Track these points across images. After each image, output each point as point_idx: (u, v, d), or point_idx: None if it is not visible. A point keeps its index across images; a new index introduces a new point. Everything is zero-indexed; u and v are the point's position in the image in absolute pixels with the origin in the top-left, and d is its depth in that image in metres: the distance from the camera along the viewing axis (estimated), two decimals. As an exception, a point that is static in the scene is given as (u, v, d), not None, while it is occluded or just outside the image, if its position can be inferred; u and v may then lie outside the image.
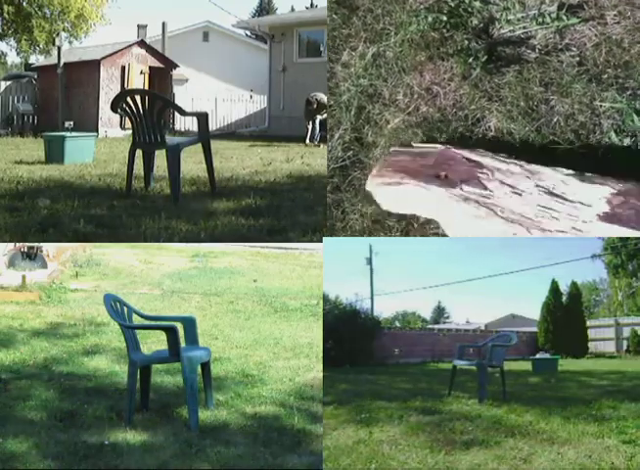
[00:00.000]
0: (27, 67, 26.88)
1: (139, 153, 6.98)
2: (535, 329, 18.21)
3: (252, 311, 8.26)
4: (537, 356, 12.51)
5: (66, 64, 20.02)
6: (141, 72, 20.02)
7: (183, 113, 7.08)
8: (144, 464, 3.80)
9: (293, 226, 5.82)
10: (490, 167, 4.05)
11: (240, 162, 11.22)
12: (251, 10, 54.47)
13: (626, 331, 17.40)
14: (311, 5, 44.98)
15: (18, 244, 9.28)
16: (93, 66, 19.43)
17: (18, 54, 26.20)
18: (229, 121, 23.08)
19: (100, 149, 12.74)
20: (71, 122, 13.34)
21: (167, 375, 5.44)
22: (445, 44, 4.47)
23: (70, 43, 24.50)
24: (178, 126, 21.04)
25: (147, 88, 19.30)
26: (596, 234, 3.80)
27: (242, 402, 4.89)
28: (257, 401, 4.92)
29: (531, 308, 49.78)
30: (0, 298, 8.14)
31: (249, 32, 29.80)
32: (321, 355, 6.32)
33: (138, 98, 6.49)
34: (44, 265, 9.55)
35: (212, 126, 20.99)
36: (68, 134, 11.30)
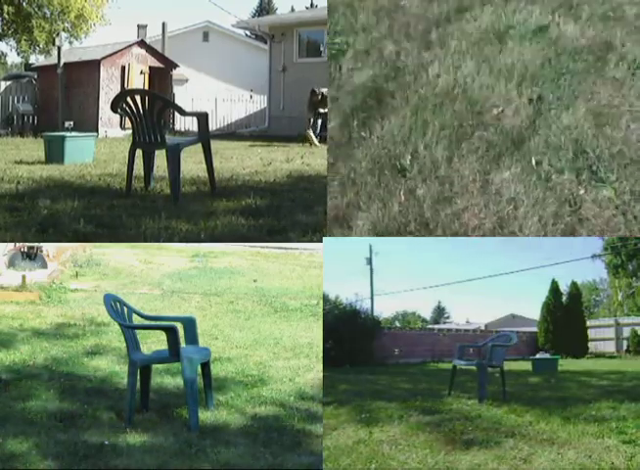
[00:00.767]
0: (27, 67, 26.89)
1: (139, 153, 6.97)
2: (535, 329, 18.21)
3: (252, 311, 8.26)
4: (537, 356, 12.50)
5: (66, 64, 20.02)
6: (141, 72, 20.02)
7: (183, 113, 7.08)
8: (144, 464, 3.80)
9: (293, 226, 5.82)
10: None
11: (240, 162, 11.21)
12: (250, 10, 54.52)
13: (626, 331, 17.39)
14: (311, 5, 45.00)
15: (18, 244, 9.28)
16: (93, 66, 19.43)
17: (18, 54, 26.22)
18: (229, 121, 23.07)
19: (100, 149, 12.73)
20: (71, 122, 13.35)
21: (167, 375, 5.45)
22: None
23: (70, 43, 24.52)
24: (178, 126, 21.04)
25: (147, 88, 19.30)
26: None
27: (242, 402, 4.89)
28: (257, 401, 4.92)
29: (531, 308, 49.77)
30: (0, 298, 8.14)
31: (249, 32, 29.80)
32: (321, 355, 6.32)
33: (138, 98, 6.48)
34: (44, 265, 9.55)
35: (212, 126, 20.99)
36: (68, 134, 11.30)
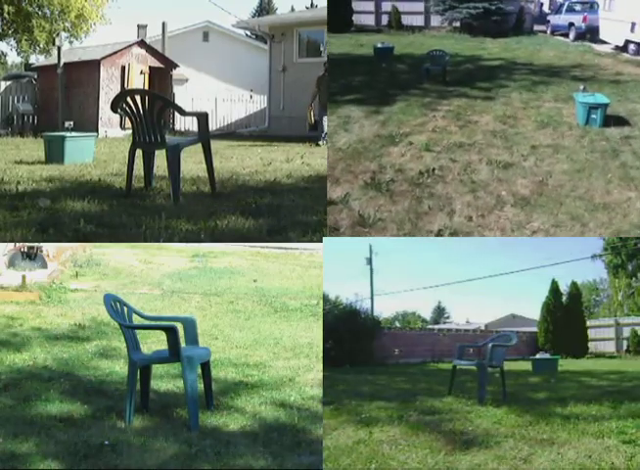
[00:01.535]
0: (27, 67, 26.89)
1: (139, 153, 6.97)
2: (535, 329, 18.21)
3: (252, 311, 8.26)
4: (537, 356, 12.50)
5: (66, 64, 20.01)
6: (141, 72, 20.02)
7: (183, 113, 7.08)
8: (144, 464, 3.80)
9: (293, 226, 5.81)
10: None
11: (240, 162, 11.21)
12: (250, 10, 54.55)
13: (626, 331, 17.40)
14: (311, 5, 45.00)
15: (18, 244, 9.28)
16: (93, 66, 19.42)
17: (18, 54, 26.23)
18: (229, 121, 23.07)
19: (100, 149, 12.73)
20: (71, 122, 13.31)
21: (167, 375, 5.45)
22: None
23: (71, 43, 24.53)
24: (178, 126, 21.04)
25: (147, 88, 19.29)
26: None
27: (242, 402, 4.89)
28: (257, 401, 4.93)
29: (531, 308, 49.83)
30: (0, 298, 8.14)
31: (249, 32, 29.81)
32: (321, 355, 6.32)
33: (138, 98, 6.48)
34: (44, 265, 9.55)
35: (212, 126, 20.99)
36: (68, 134, 11.28)
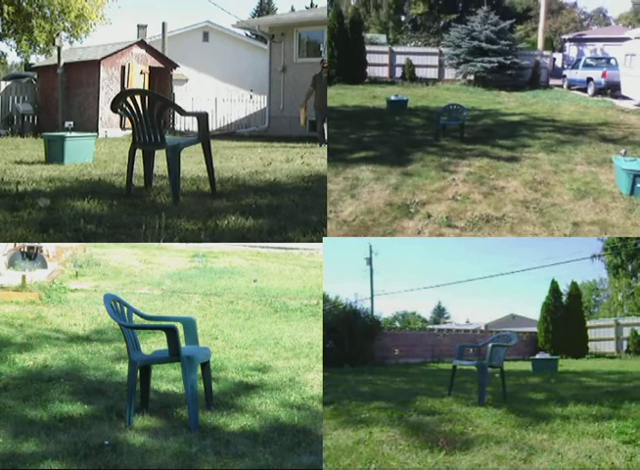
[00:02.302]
0: (27, 67, 26.90)
1: (139, 153, 6.97)
2: (535, 329, 18.20)
3: (252, 311, 8.26)
4: (537, 356, 12.49)
5: (66, 64, 20.01)
6: (141, 72, 20.02)
7: (183, 113, 7.07)
8: (144, 464, 3.80)
9: (293, 226, 5.82)
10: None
11: (240, 162, 11.21)
12: (250, 10, 54.56)
13: (626, 331, 17.38)
14: (311, 5, 44.98)
15: (18, 244, 9.28)
16: (93, 66, 19.42)
17: (18, 54, 26.26)
18: (229, 121, 23.07)
19: (100, 149, 12.74)
20: (71, 122, 13.27)
21: (167, 375, 5.45)
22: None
23: (71, 43, 24.55)
24: (178, 126, 21.04)
25: (147, 88, 19.29)
26: None
27: (242, 402, 4.90)
28: (257, 401, 4.93)
29: (531, 308, 49.87)
30: (0, 298, 8.14)
31: (249, 32, 29.80)
32: (321, 355, 6.32)
33: (138, 98, 6.48)
34: (44, 265, 9.55)
35: (212, 126, 21.00)
36: (68, 134, 11.28)
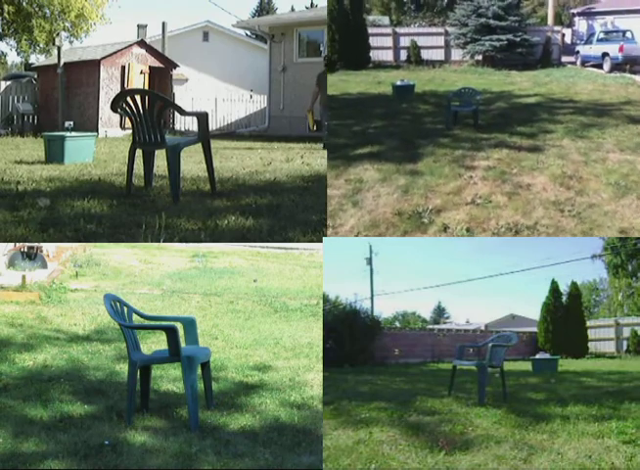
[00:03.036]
0: (27, 67, 26.90)
1: (139, 152, 6.97)
2: (535, 329, 18.20)
3: (252, 311, 8.26)
4: (537, 356, 12.49)
5: (66, 64, 20.02)
6: (141, 72, 20.02)
7: (183, 113, 7.07)
8: (144, 464, 3.80)
9: (293, 226, 5.82)
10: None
11: (240, 162, 11.21)
12: (250, 10, 54.58)
13: (626, 331, 17.38)
14: (311, 5, 45.02)
15: (18, 244, 9.28)
16: (93, 66, 19.43)
17: (18, 54, 26.26)
18: (229, 121, 23.08)
19: (100, 149, 12.74)
20: (71, 122, 13.29)
21: (167, 375, 5.45)
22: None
23: (71, 43, 24.55)
24: (178, 126, 21.04)
25: (147, 88, 19.30)
26: None
27: (242, 402, 4.89)
28: (257, 401, 4.93)
29: (531, 308, 49.87)
30: (0, 298, 8.14)
31: (249, 32, 29.81)
32: (321, 355, 6.32)
33: (138, 98, 6.48)
34: (44, 265, 9.55)
35: (212, 126, 21.00)
36: (68, 134, 11.28)
